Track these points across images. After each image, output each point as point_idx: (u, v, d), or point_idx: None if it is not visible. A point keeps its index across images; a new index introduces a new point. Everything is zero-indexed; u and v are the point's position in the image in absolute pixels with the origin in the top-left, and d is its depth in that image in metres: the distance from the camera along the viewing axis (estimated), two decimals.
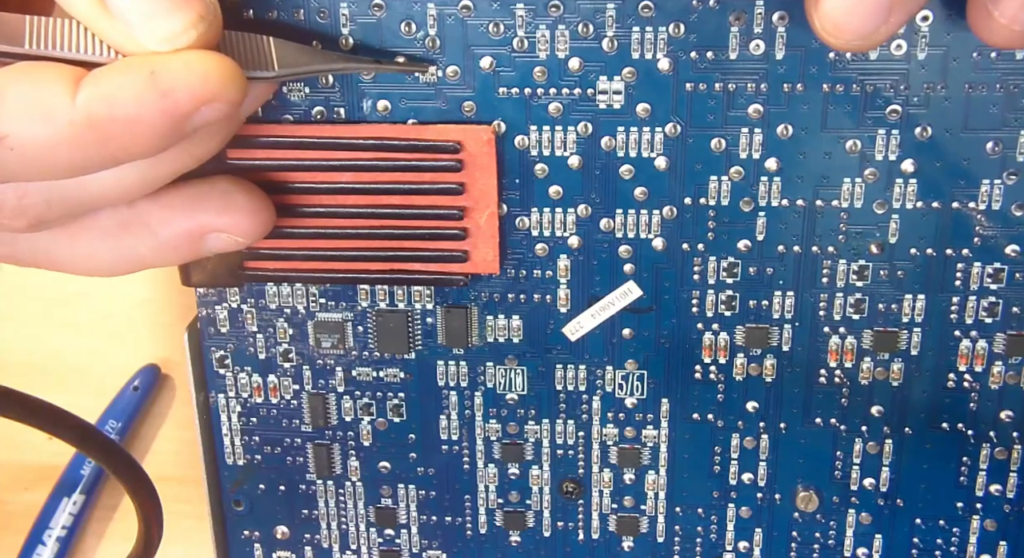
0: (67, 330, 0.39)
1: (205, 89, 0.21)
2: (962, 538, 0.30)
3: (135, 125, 0.21)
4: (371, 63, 0.26)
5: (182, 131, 0.22)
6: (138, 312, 0.39)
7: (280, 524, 0.32)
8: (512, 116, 0.27)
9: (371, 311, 0.29)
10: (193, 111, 0.21)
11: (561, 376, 0.29)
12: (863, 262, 0.27)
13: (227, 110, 0.22)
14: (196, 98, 0.21)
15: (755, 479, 0.30)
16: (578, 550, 0.32)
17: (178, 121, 0.21)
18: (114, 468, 0.27)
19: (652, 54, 0.26)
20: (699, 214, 0.27)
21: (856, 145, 0.26)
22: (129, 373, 0.39)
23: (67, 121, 0.21)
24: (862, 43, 0.22)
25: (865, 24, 0.22)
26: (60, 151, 0.21)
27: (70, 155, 0.21)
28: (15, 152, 0.21)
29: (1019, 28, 0.22)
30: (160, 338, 0.39)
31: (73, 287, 0.39)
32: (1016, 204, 0.26)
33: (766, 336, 0.28)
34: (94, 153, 0.22)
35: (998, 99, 0.25)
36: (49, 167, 0.22)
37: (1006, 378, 0.28)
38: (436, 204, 0.27)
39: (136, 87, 0.21)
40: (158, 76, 0.21)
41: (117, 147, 0.21)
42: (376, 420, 0.30)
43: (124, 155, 0.22)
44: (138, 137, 0.21)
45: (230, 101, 0.22)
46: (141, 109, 0.21)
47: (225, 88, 0.21)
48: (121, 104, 0.21)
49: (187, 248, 0.25)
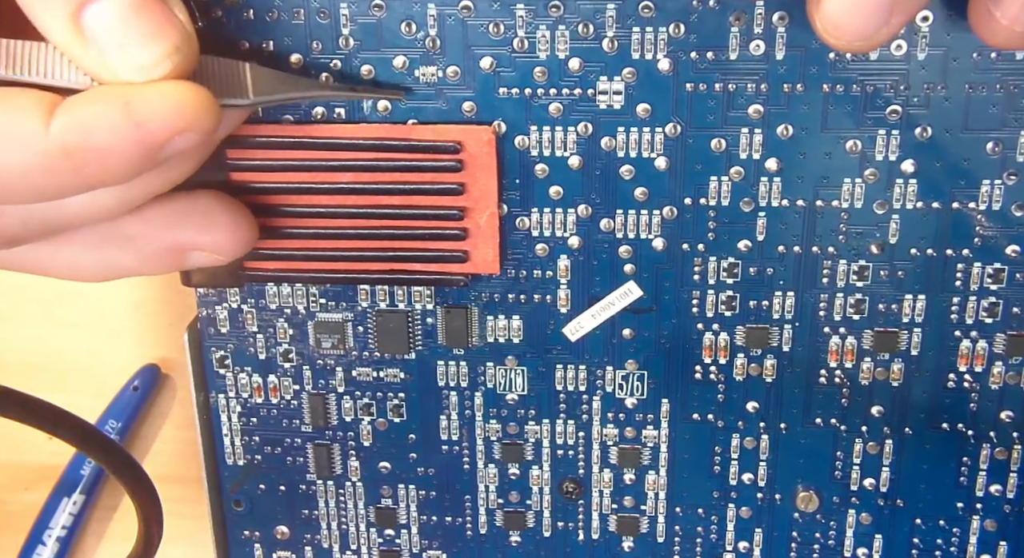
0: (67, 330, 0.39)
1: (179, 120, 0.21)
2: (962, 538, 0.30)
3: (108, 154, 0.21)
4: (347, 91, 0.26)
5: (154, 160, 0.22)
6: (138, 312, 0.39)
7: (280, 524, 0.32)
8: (512, 116, 0.27)
9: (371, 311, 0.29)
10: (166, 141, 0.21)
11: (561, 376, 0.29)
12: (863, 262, 0.27)
13: (200, 140, 0.22)
14: (170, 128, 0.21)
15: (755, 479, 0.30)
16: (578, 550, 0.32)
17: (151, 150, 0.21)
18: (114, 468, 0.27)
19: (652, 54, 0.26)
20: (699, 214, 0.27)
21: (856, 145, 0.26)
22: (129, 373, 0.39)
23: (40, 149, 0.21)
24: (863, 44, 0.22)
25: (866, 25, 0.22)
26: (32, 178, 0.21)
27: (42, 182, 0.21)
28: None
29: (1020, 29, 0.22)
30: (160, 338, 0.39)
31: (72, 287, 0.39)
32: (1016, 204, 0.26)
33: (766, 336, 0.28)
34: (66, 180, 0.21)
35: (998, 99, 0.25)
36: (21, 193, 0.22)
37: (1006, 378, 0.28)
38: (436, 204, 0.27)
39: (111, 117, 0.21)
40: (133, 106, 0.21)
41: (89, 174, 0.21)
42: (376, 420, 0.30)
43: (96, 182, 0.22)
44: (111, 165, 0.21)
45: (203, 131, 0.22)
46: (115, 139, 0.21)
47: (199, 119, 0.21)
48: (95, 133, 0.21)
49: (169, 262, 0.26)
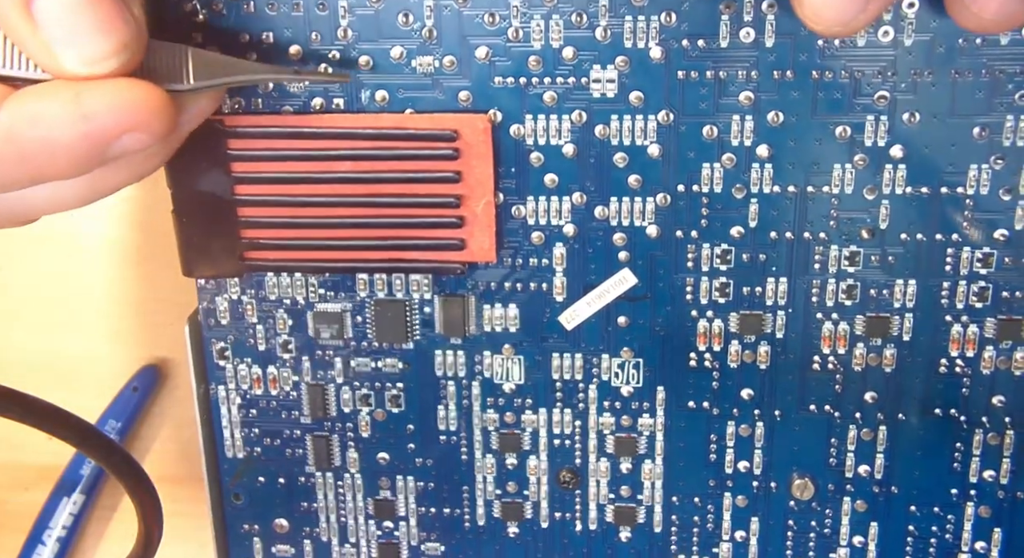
0: (67, 330, 0.40)
1: (128, 119, 0.21)
2: (957, 525, 0.30)
3: (54, 146, 0.21)
4: (290, 73, 0.26)
5: (102, 156, 0.22)
6: (138, 312, 0.39)
7: (279, 517, 0.32)
8: (508, 105, 0.27)
9: (370, 301, 0.29)
10: (114, 138, 0.22)
11: (558, 365, 0.30)
12: (854, 248, 0.28)
13: (150, 141, 0.22)
14: (118, 126, 0.21)
15: (751, 467, 0.30)
16: (576, 541, 0.32)
17: (98, 146, 0.22)
18: (114, 468, 0.27)
19: (644, 43, 0.26)
20: (692, 201, 0.28)
21: (846, 131, 0.27)
22: (129, 373, 0.40)
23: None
24: (842, 30, 0.23)
25: (844, 12, 0.22)
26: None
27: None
28: None
29: (988, 16, 0.22)
30: (160, 338, 0.40)
31: (73, 287, 0.39)
32: (1003, 188, 0.27)
33: (760, 323, 0.29)
34: (11, 171, 0.22)
35: (984, 85, 0.26)
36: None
37: (997, 363, 0.28)
38: (433, 193, 0.27)
39: (59, 108, 0.21)
40: (82, 100, 0.21)
41: (34, 167, 0.22)
42: (375, 411, 0.31)
43: (41, 175, 0.22)
44: (57, 158, 0.22)
45: (154, 133, 0.22)
46: (61, 131, 0.21)
47: (150, 120, 0.22)
48: (41, 123, 0.21)
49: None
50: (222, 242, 0.28)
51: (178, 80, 0.23)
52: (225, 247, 0.28)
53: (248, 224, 0.28)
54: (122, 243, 0.39)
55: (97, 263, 0.39)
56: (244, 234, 0.28)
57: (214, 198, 0.28)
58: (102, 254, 0.39)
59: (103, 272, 0.39)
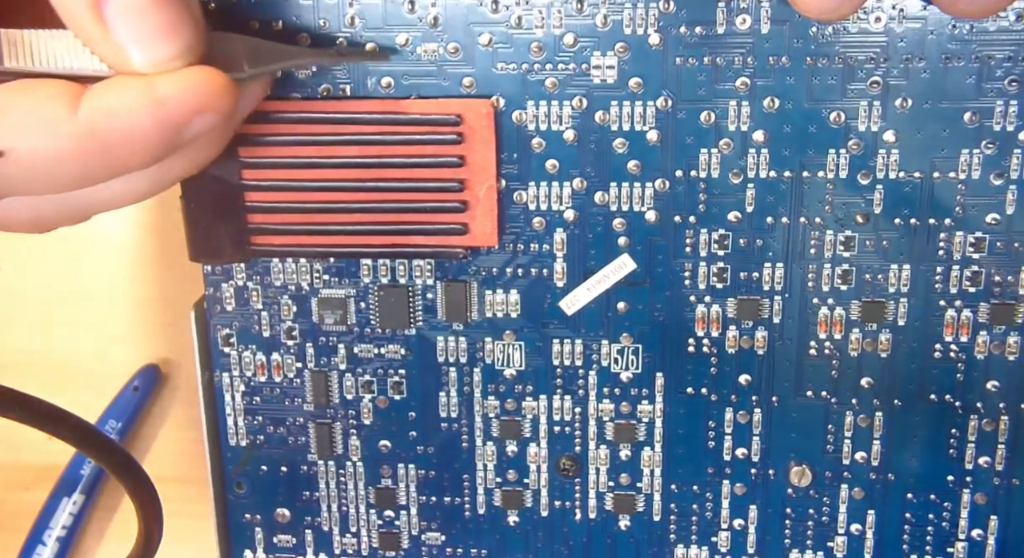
0: (67, 330, 0.40)
1: (198, 101, 0.23)
2: (953, 512, 0.31)
3: (133, 135, 0.22)
4: (334, 55, 0.27)
5: (177, 141, 0.23)
6: (138, 312, 0.40)
7: (281, 507, 0.32)
8: (510, 91, 0.28)
9: (373, 287, 0.30)
10: (187, 122, 0.23)
11: (558, 351, 0.30)
12: (849, 232, 0.28)
13: (218, 120, 0.23)
14: (190, 109, 0.23)
15: (748, 454, 0.31)
16: (576, 530, 0.32)
17: (173, 132, 0.23)
18: (114, 468, 0.27)
19: (644, 30, 0.27)
20: (690, 186, 0.28)
21: (840, 116, 0.27)
22: (129, 373, 0.40)
23: (69, 134, 0.22)
24: (829, 16, 0.23)
25: (827, 1, 0.23)
26: (62, 164, 0.22)
27: (71, 168, 0.22)
28: (18, 166, 0.22)
29: (963, 6, 0.23)
30: (160, 338, 0.40)
31: (73, 287, 0.40)
32: (995, 173, 0.27)
33: (757, 308, 0.29)
34: (94, 165, 0.23)
35: (974, 70, 0.27)
36: (52, 180, 0.23)
37: (991, 348, 0.29)
38: (437, 177, 0.28)
39: (135, 99, 0.22)
40: (155, 88, 0.22)
41: (115, 158, 0.23)
42: (377, 398, 0.31)
43: (122, 166, 0.23)
44: (136, 147, 0.23)
45: (221, 112, 0.23)
46: (139, 120, 0.22)
47: (217, 100, 0.23)
48: (120, 115, 0.22)
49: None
50: (229, 227, 0.29)
51: (236, 68, 0.24)
52: (232, 232, 0.29)
53: (255, 209, 0.29)
54: (122, 243, 0.39)
55: (97, 263, 0.39)
56: (251, 219, 0.29)
57: (221, 183, 0.28)
58: (102, 254, 0.39)
59: (103, 272, 0.40)
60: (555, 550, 0.32)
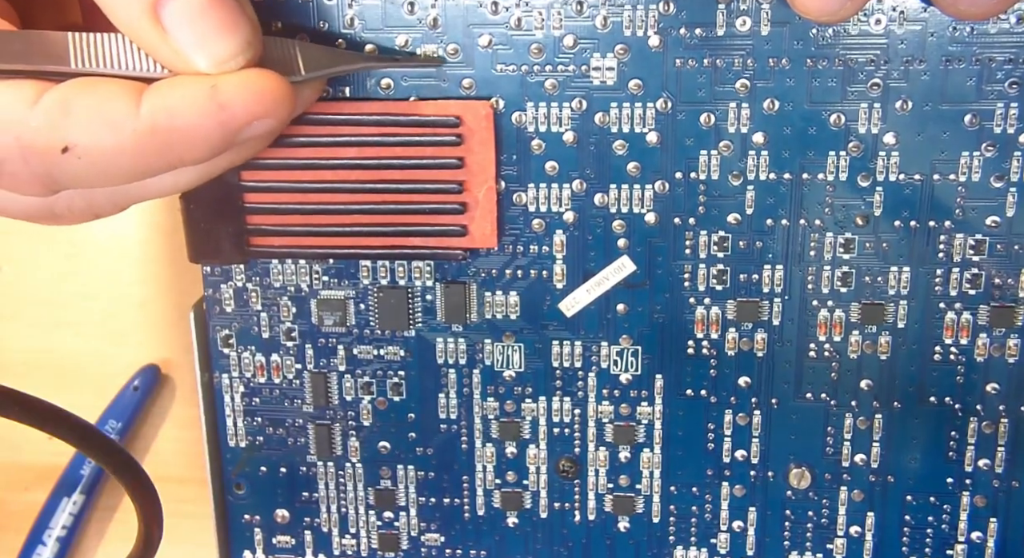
0: (67, 330, 0.40)
1: (260, 106, 0.23)
2: (953, 515, 0.30)
3: (193, 134, 0.23)
4: (389, 61, 0.27)
5: (233, 141, 0.23)
6: (138, 312, 0.40)
7: (280, 508, 0.33)
8: (509, 93, 0.28)
9: (372, 288, 0.30)
10: (246, 124, 0.23)
11: (558, 352, 0.30)
12: (849, 235, 0.28)
13: (276, 125, 0.24)
14: (251, 113, 0.23)
15: (748, 456, 0.31)
16: (575, 531, 0.32)
17: (231, 132, 0.23)
18: (114, 468, 0.27)
19: (643, 31, 0.27)
20: (690, 188, 0.28)
21: (840, 118, 0.27)
22: (129, 373, 0.40)
23: (131, 130, 0.22)
24: (830, 19, 0.23)
25: (828, 3, 0.23)
26: (123, 159, 0.23)
27: (132, 162, 0.23)
28: (82, 161, 0.23)
29: (963, 7, 0.23)
30: (160, 338, 0.40)
31: (73, 287, 0.40)
32: (995, 175, 0.27)
33: (757, 310, 0.29)
34: (153, 160, 0.23)
35: (974, 72, 0.26)
36: (112, 174, 0.23)
37: (991, 350, 0.29)
38: (436, 178, 0.28)
39: (197, 99, 0.23)
40: (218, 91, 0.23)
41: (174, 155, 0.23)
42: (376, 399, 0.31)
43: (179, 162, 0.24)
44: (195, 145, 0.23)
45: (280, 118, 0.24)
46: (200, 120, 0.23)
47: (277, 106, 0.23)
48: (182, 114, 0.23)
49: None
50: (229, 228, 0.29)
51: (291, 72, 0.25)
52: (231, 233, 0.29)
53: (254, 210, 0.29)
54: (122, 243, 0.39)
55: (98, 263, 0.39)
56: (250, 220, 0.29)
57: (221, 184, 0.28)
58: (102, 254, 0.39)
59: (103, 272, 0.40)
60: (554, 551, 0.32)
